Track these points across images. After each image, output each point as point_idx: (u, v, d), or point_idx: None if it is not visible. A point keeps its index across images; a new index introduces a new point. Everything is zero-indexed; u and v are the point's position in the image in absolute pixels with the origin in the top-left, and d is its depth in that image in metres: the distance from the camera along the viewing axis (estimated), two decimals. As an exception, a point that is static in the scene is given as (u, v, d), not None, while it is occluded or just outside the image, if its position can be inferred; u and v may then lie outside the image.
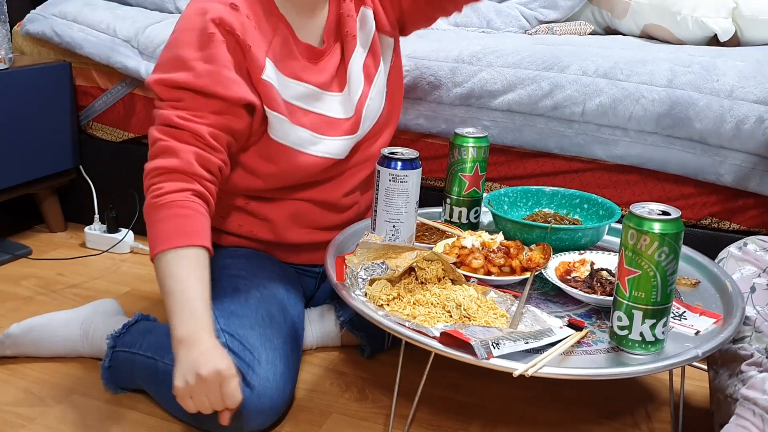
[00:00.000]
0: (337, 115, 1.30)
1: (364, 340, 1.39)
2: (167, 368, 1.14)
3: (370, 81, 1.33)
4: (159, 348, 1.19)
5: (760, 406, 0.91)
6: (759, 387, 0.93)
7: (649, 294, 0.93)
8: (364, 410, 1.25)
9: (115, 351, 1.25)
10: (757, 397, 0.91)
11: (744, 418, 0.91)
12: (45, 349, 1.34)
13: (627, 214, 0.94)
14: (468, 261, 1.14)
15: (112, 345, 1.25)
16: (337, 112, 1.30)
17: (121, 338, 1.25)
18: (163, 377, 1.16)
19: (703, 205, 1.46)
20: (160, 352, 1.18)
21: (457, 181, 1.33)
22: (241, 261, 1.32)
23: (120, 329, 1.26)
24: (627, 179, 1.50)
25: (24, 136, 1.81)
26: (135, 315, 1.30)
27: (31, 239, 1.96)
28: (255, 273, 1.29)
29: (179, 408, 1.13)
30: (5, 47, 1.77)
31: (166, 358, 1.16)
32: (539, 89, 1.50)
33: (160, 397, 1.22)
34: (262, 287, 1.26)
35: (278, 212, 1.33)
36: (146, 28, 1.83)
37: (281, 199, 1.33)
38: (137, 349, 1.22)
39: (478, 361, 0.91)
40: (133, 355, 1.22)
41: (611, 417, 1.26)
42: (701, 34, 1.83)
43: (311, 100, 1.28)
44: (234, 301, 1.21)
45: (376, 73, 1.34)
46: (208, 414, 1.03)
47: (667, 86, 1.43)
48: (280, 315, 1.23)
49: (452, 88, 1.55)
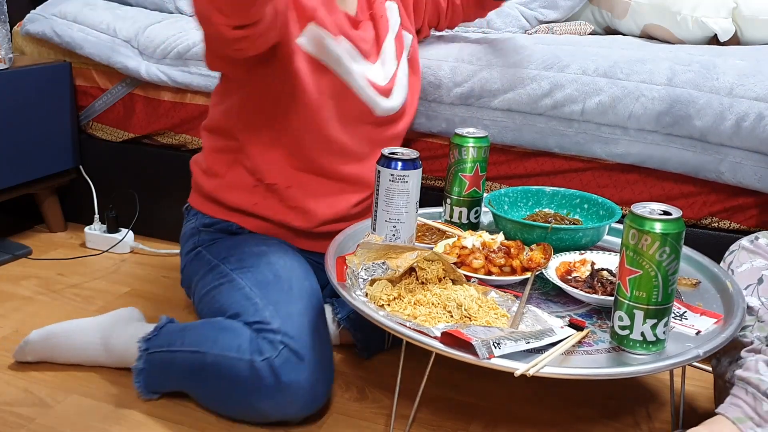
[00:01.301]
0: (374, 79, 1.38)
1: (360, 340, 1.39)
2: (216, 359, 1.15)
3: (398, 61, 1.44)
4: (205, 339, 1.18)
5: (752, 384, 0.94)
6: (752, 368, 0.96)
7: (651, 294, 0.93)
8: (364, 410, 1.25)
9: (149, 353, 1.23)
10: (750, 376, 0.95)
11: (738, 396, 0.96)
12: (64, 357, 1.33)
13: (628, 214, 0.94)
14: (468, 261, 1.14)
15: (145, 348, 1.24)
16: (375, 77, 1.38)
17: (153, 340, 1.24)
18: (212, 369, 1.16)
19: (704, 203, 1.46)
20: (207, 344, 1.18)
21: (458, 181, 1.33)
22: (278, 251, 1.32)
23: (151, 332, 1.26)
24: (627, 178, 1.50)
25: (24, 136, 1.80)
26: (162, 318, 1.29)
27: (31, 239, 1.95)
28: (293, 264, 1.30)
29: (226, 401, 1.17)
30: (5, 47, 1.77)
31: (216, 349, 1.16)
32: (539, 88, 1.50)
33: (205, 392, 1.21)
34: (302, 278, 1.27)
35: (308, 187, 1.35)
36: (146, 28, 1.83)
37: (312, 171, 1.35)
38: (177, 346, 1.21)
39: (480, 361, 0.91)
40: (172, 354, 1.21)
41: (612, 417, 1.26)
42: (701, 34, 1.83)
43: (351, 60, 1.33)
44: (279, 290, 1.22)
45: (401, 57, 1.45)
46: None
47: (667, 84, 1.43)
48: (319, 306, 1.25)
49: (452, 88, 1.55)
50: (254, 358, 1.12)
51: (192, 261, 1.39)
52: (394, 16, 1.46)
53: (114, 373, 1.31)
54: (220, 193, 1.38)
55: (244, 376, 1.13)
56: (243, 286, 1.24)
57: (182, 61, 1.77)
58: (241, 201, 1.37)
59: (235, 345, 1.15)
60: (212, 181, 1.39)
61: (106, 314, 1.38)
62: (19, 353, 1.34)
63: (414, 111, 1.52)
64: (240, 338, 1.15)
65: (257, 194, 1.36)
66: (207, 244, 1.38)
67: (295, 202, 1.36)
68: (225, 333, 1.17)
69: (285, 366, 1.11)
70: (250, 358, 1.12)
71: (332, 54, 1.30)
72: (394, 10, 1.46)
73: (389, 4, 1.45)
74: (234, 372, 1.14)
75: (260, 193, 1.36)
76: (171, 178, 1.88)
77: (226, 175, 1.37)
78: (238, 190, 1.37)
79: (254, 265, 1.27)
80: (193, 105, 1.80)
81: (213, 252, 1.35)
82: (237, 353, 1.14)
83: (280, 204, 1.36)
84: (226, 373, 1.15)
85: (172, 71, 1.78)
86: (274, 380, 1.11)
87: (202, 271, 1.34)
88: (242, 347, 1.14)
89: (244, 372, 1.13)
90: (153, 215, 1.93)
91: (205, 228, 1.40)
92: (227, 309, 1.23)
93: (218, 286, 1.28)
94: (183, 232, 1.45)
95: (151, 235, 1.96)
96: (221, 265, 1.31)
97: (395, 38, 1.44)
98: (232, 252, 1.33)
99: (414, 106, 1.51)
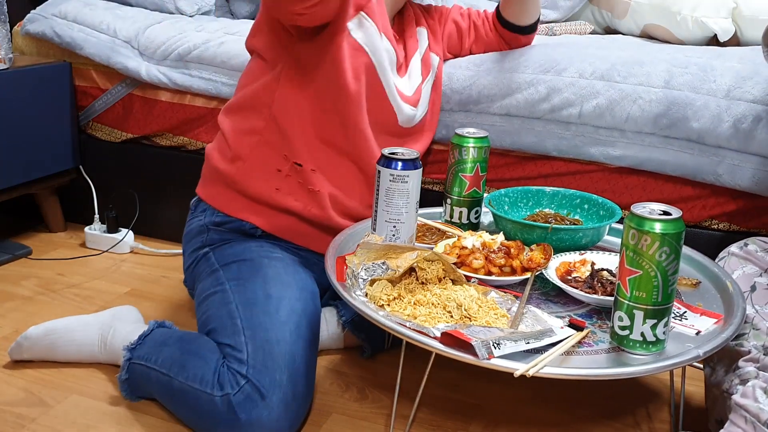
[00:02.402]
0: (402, 89, 1.43)
1: (364, 341, 1.39)
2: (182, 386, 1.14)
3: (423, 79, 1.49)
4: (174, 364, 1.17)
5: (752, 413, 0.92)
6: (750, 395, 0.94)
7: (650, 294, 0.93)
8: (364, 410, 1.25)
9: (131, 363, 1.23)
10: (748, 404, 0.93)
11: (736, 425, 0.93)
12: (62, 354, 1.33)
13: (628, 214, 0.94)
14: (468, 261, 1.14)
15: (128, 357, 1.23)
16: (403, 88, 1.43)
17: (137, 350, 1.23)
18: (178, 395, 1.16)
19: (702, 207, 1.46)
20: (174, 368, 1.17)
21: (458, 181, 1.33)
22: (279, 266, 1.30)
23: (136, 341, 1.25)
24: (625, 182, 1.50)
25: (24, 136, 1.81)
26: (150, 324, 1.28)
27: (31, 239, 1.95)
28: (290, 282, 1.27)
29: (193, 426, 1.17)
30: (5, 47, 1.77)
31: (181, 376, 1.15)
32: (536, 93, 1.50)
33: (175, 412, 1.21)
34: (295, 299, 1.24)
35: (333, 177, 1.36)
36: (146, 28, 1.83)
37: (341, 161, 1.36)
38: (153, 363, 1.20)
39: (479, 361, 0.91)
40: (148, 370, 1.20)
41: (611, 417, 1.26)
42: (701, 34, 1.83)
43: (390, 68, 1.38)
44: (265, 312, 1.19)
45: (427, 76, 1.50)
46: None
47: (664, 87, 1.43)
48: (307, 330, 1.21)
49: (451, 95, 1.56)
50: (214, 393, 1.11)
51: (198, 262, 1.37)
52: (423, 39, 1.52)
53: (114, 372, 1.31)
54: (242, 179, 1.35)
55: (205, 409, 1.12)
56: (230, 302, 1.22)
57: (183, 63, 1.77)
58: (262, 188, 1.35)
59: (199, 375, 1.13)
60: (234, 166, 1.36)
61: (105, 311, 1.38)
62: (15, 350, 1.34)
63: (434, 129, 1.54)
64: (205, 368, 1.14)
65: (280, 178, 1.34)
66: (216, 244, 1.36)
67: (317, 185, 1.35)
68: (193, 359, 1.16)
69: (244, 404, 1.08)
70: (211, 392, 1.11)
71: (375, 46, 1.33)
72: (423, 35, 1.52)
73: (419, 29, 1.52)
74: (197, 403, 1.13)
75: (283, 177, 1.34)
76: (171, 178, 1.88)
77: (249, 158, 1.35)
78: (260, 173, 1.35)
79: (249, 279, 1.25)
80: (193, 107, 1.80)
81: (218, 255, 1.34)
82: (200, 385, 1.12)
83: (301, 189, 1.35)
84: (191, 402, 1.14)
85: (173, 73, 1.78)
86: (232, 417, 1.09)
87: (204, 274, 1.33)
88: (205, 378, 1.12)
89: (204, 405, 1.12)
90: (153, 215, 1.93)
91: (216, 227, 1.37)
92: (210, 321, 1.23)
93: (212, 294, 1.27)
94: (189, 228, 1.42)
95: (151, 235, 1.96)
96: (220, 271, 1.30)
97: (422, 58, 1.49)
98: (234, 258, 1.31)
99: (435, 123, 1.54)
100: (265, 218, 1.36)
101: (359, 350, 1.42)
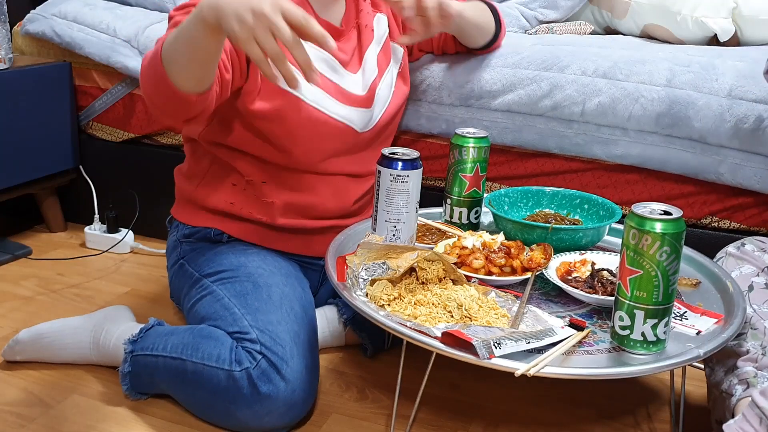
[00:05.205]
0: (353, 90, 1.36)
1: (365, 339, 1.39)
2: (197, 367, 1.16)
3: (381, 72, 1.42)
4: (186, 347, 1.18)
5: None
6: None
7: (651, 294, 0.93)
8: (364, 410, 1.25)
9: (134, 356, 1.23)
10: (766, 407, 0.90)
11: (749, 422, 0.91)
12: (55, 356, 1.33)
13: (629, 214, 0.94)
14: (469, 261, 1.14)
15: (131, 350, 1.23)
16: (353, 88, 1.37)
17: (139, 342, 1.24)
18: (192, 377, 1.16)
19: (703, 203, 1.46)
20: (187, 351, 1.18)
21: (458, 181, 1.33)
22: (256, 259, 1.32)
23: (137, 333, 1.25)
24: (627, 179, 1.50)
25: (24, 136, 1.80)
26: (151, 320, 1.29)
27: (31, 239, 1.95)
28: (272, 271, 1.30)
29: (207, 409, 1.18)
30: (5, 47, 1.76)
31: (195, 357, 1.16)
32: (539, 89, 1.50)
33: (187, 398, 1.21)
34: (282, 284, 1.27)
35: (287, 187, 1.36)
36: (146, 28, 1.83)
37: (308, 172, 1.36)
38: (160, 351, 1.20)
39: (480, 361, 0.91)
40: (155, 358, 1.21)
41: (612, 417, 1.26)
42: (701, 34, 1.83)
43: (329, 69, 1.34)
44: (258, 299, 1.22)
45: (387, 68, 1.43)
46: (280, 59, 0.95)
47: (667, 86, 1.43)
48: (302, 312, 1.24)
49: (452, 89, 1.55)
50: (233, 368, 1.13)
51: (177, 275, 1.40)
52: (382, 27, 1.44)
53: (113, 372, 1.31)
54: (200, 195, 1.38)
55: (224, 386, 1.13)
56: (222, 297, 1.25)
57: (182, 61, 1.77)
58: (218, 202, 1.37)
59: (215, 354, 1.15)
60: (192, 184, 1.40)
61: (95, 312, 1.37)
62: (8, 353, 1.34)
63: (398, 119, 1.51)
64: (221, 347, 1.15)
65: (235, 192, 1.36)
66: (188, 254, 1.39)
67: (270, 197, 1.35)
68: (206, 341, 1.17)
69: (263, 377, 1.11)
70: (229, 368, 1.13)
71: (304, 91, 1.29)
72: (383, 22, 1.45)
73: (379, 16, 1.44)
74: (214, 381, 1.14)
75: (239, 190, 1.36)
76: (171, 178, 1.87)
77: (205, 175, 1.38)
78: (215, 189, 1.37)
79: (233, 277, 1.28)
80: (193, 105, 1.80)
81: (194, 265, 1.35)
82: (216, 363, 1.14)
83: (256, 201, 1.36)
84: (206, 382, 1.15)
85: (172, 71, 1.78)
86: (253, 390, 1.11)
87: (186, 285, 1.35)
88: (222, 356, 1.14)
89: (223, 382, 1.13)
90: (153, 215, 1.93)
91: (186, 239, 1.40)
92: (208, 320, 1.24)
93: (201, 298, 1.29)
94: (167, 245, 1.46)
95: (151, 235, 1.96)
96: (202, 279, 1.32)
97: (381, 49, 1.43)
98: (211, 265, 1.33)
99: (399, 114, 1.50)
100: (227, 225, 1.38)
101: (361, 348, 1.42)
